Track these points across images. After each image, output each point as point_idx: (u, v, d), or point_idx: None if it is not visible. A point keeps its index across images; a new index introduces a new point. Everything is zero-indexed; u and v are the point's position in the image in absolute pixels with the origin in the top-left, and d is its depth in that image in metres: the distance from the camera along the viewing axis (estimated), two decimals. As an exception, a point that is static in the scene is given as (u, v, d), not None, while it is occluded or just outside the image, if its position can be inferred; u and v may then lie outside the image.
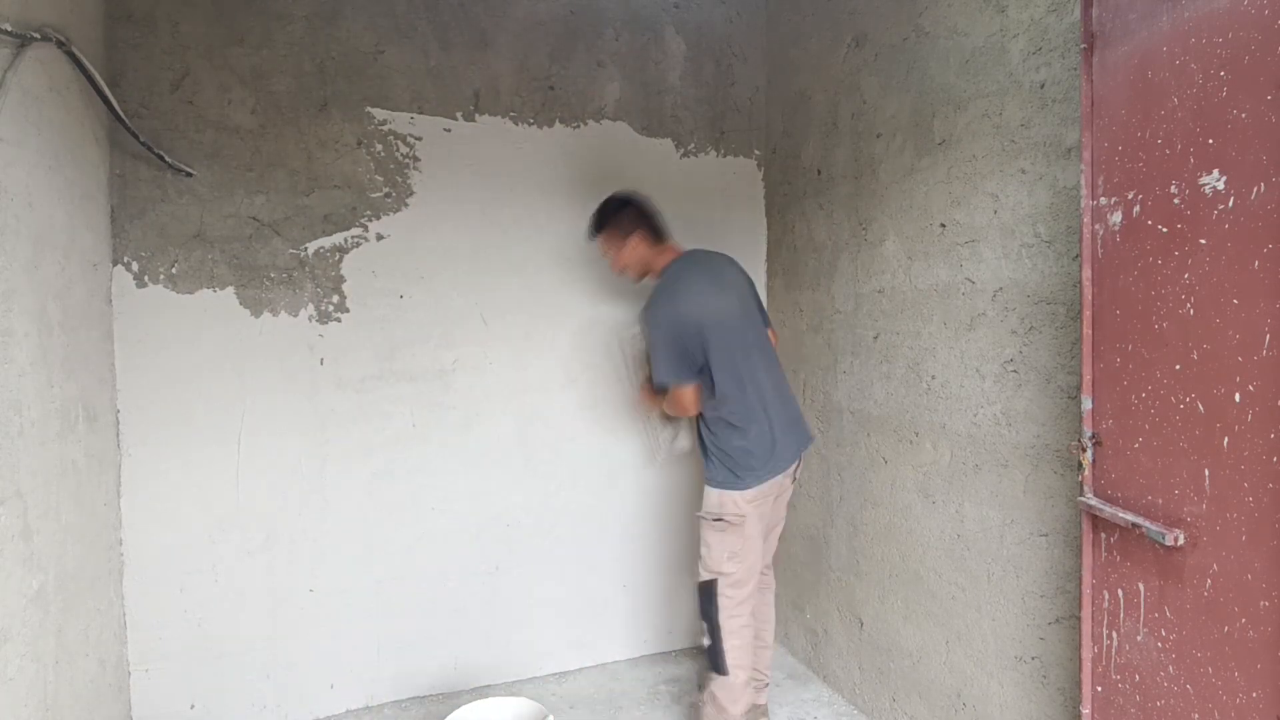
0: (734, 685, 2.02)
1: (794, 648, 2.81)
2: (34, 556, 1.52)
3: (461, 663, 2.57)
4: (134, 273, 2.14)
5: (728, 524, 1.98)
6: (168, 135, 2.15)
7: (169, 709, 2.22)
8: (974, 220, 1.89)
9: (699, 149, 2.82)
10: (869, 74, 2.29)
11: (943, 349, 2.01)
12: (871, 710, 2.35)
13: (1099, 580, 1.41)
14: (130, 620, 2.17)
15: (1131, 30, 1.30)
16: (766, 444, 2.00)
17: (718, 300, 2.01)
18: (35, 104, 1.58)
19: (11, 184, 1.47)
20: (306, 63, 2.29)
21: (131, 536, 2.16)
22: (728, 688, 2.02)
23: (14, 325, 1.46)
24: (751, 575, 2.02)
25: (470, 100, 2.49)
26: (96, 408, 1.94)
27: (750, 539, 1.99)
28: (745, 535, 1.98)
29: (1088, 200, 1.39)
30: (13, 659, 1.42)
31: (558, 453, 2.66)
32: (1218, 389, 1.16)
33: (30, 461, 1.51)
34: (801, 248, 2.70)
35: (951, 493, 1.99)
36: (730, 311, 2.02)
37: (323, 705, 2.40)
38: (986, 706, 1.89)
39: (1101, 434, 1.39)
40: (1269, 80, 1.07)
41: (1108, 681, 1.39)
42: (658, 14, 2.74)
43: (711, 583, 2.01)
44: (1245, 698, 1.14)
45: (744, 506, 1.97)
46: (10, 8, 1.47)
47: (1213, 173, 1.16)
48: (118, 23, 2.10)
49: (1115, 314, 1.34)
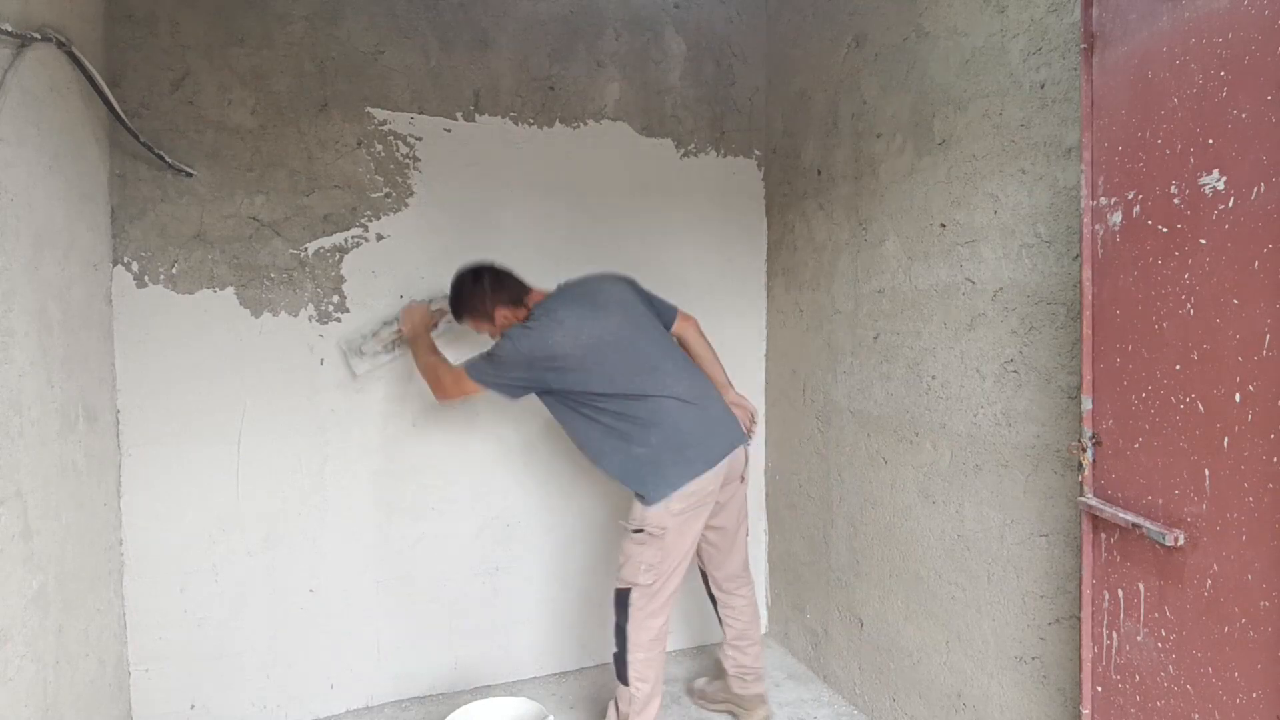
0: (636, 698, 2.00)
1: (794, 648, 2.81)
2: (34, 556, 1.52)
3: (461, 663, 2.57)
4: (134, 273, 2.14)
5: (648, 536, 1.96)
6: (168, 135, 2.15)
7: (169, 709, 2.22)
8: (974, 220, 1.89)
9: (699, 149, 2.83)
10: (869, 74, 2.29)
11: (943, 349, 2.01)
12: (871, 710, 2.35)
13: (1099, 580, 1.41)
14: (130, 620, 2.17)
15: (1131, 30, 1.30)
16: (673, 447, 1.96)
17: (594, 326, 1.97)
18: (35, 104, 1.58)
19: (11, 184, 1.47)
20: (307, 63, 2.29)
21: (131, 536, 2.16)
22: (629, 699, 2.00)
23: (14, 325, 1.46)
24: (668, 584, 2.00)
25: (470, 100, 2.49)
26: (96, 408, 1.94)
27: (670, 551, 1.97)
28: (665, 548, 1.96)
29: (1088, 200, 1.39)
30: (13, 659, 1.42)
31: (558, 453, 2.66)
32: (1218, 389, 1.16)
33: (30, 461, 1.51)
34: (801, 248, 2.69)
35: (952, 493, 1.99)
36: (610, 331, 1.98)
37: (323, 705, 2.40)
38: (986, 706, 1.89)
39: (1101, 434, 1.39)
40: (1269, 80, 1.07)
41: (1108, 681, 1.39)
42: (658, 14, 2.74)
43: (625, 591, 2.00)
44: (1245, 698, 1.14)
45: (666, 520, 1.95)
46: (10, 8, 1.47)
47: (1213, 173, 1.16)
48: (118, 23, 2.10)
49: (1115, 314, 1.34)
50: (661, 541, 1.95)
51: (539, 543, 2.66)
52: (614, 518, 2.76)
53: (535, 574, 2.66)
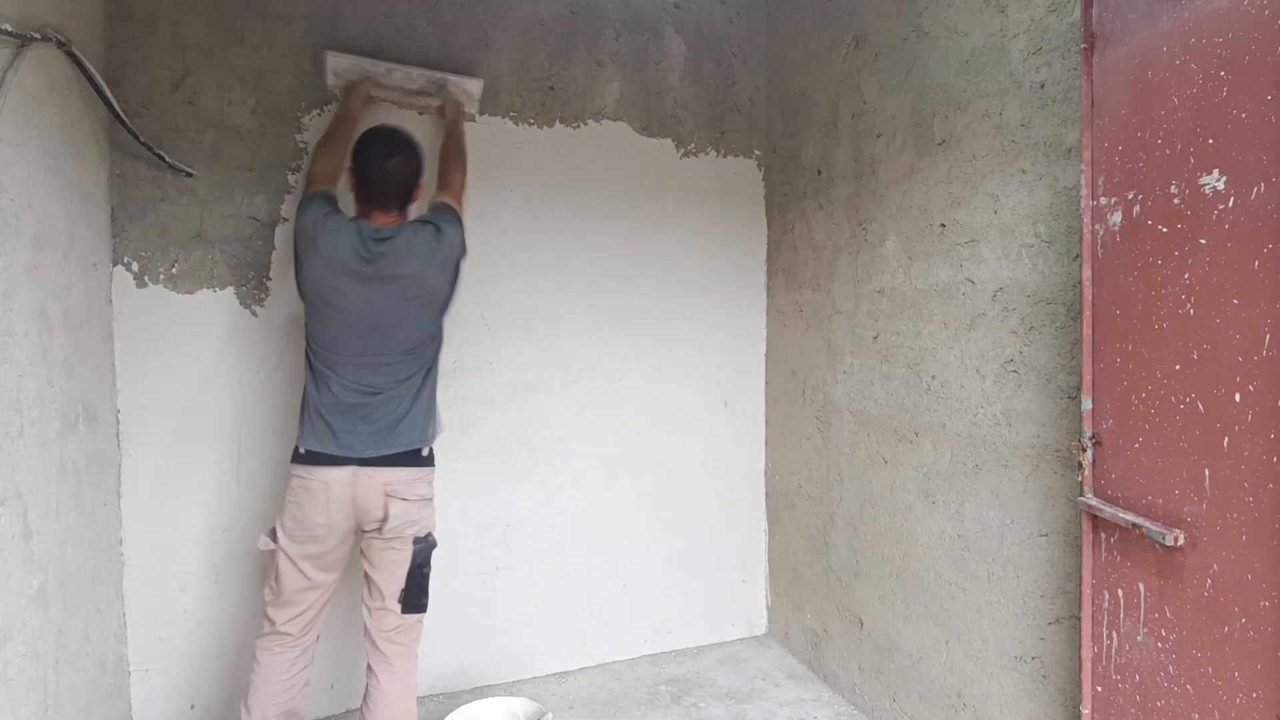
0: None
1: (794, 648, 2.81)
2: (34, 557, 1.52)
3: (461, 663, 2.57)
4: (134, 273, 2.14)
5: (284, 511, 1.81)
6: (168, 135, 2.14)
7: (169, 709, 2.22)
8: (974, 220, 1.89)
9: (699, 149, 2.82)
10: (869, 74, 2.29)
11: (943, 349, 2.01)
12: (871, 710, 2.35)
13: (1099, 580, 1.41)
14: (130, 620, 2.17)
15: (1131, 30, 1.30)
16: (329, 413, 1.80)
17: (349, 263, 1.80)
18: (35, 104, 1.58)
19: (11, 184, 1.47)
20: (307, 63, 2.29)
21: (131, 536, 2.16)
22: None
23: (14, 325, 1.46)
24: (287, 612, 1.81)
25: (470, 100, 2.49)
26: (96, 408, 1.94)
27: (284, 575, 1.80)
28: (277, 558, 1.80)
29: (1088, 200, 1.39)
30: (13, 659, 1.42)
31: (558, 453, 2.66)
32: (1218, 389, 1.16)
33: (30, 461, 1.51)
34: (801, 248, 2.70)
35: (951, 493, 1.99)
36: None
37: (323, 705, 2.40)
38: (986, 706, 1.89)
39: (1101, 434, 1.39)
40: (1269, 80, 1.07)
41: (1108, 681, 1.39)
42: (658, 14, 2.74)
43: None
44: (1245, 698, 1.14)
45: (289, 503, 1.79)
46: (10, 8, 1.47)
47: (1213, 173, 1.16)
48: (118, 23, 2.10)
49: (1115, 314, 1.34)
50: (278, 545, 1.84)
51: (539, 543, 2.66)
52: (613, 517, 2.76)
53: (535, 574, 2.66)
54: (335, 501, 1.78)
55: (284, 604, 1.82)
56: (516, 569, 2.63)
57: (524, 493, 2.63)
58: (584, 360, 2.69)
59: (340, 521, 1.80)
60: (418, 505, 1.88)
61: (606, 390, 2.72)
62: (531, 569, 2.65)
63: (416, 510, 1.87)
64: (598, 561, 2.73)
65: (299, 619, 1.83)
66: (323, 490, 1.78)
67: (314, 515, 1.78)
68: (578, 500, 2.70)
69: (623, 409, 2.75)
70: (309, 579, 1.82)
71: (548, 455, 2.65)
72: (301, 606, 1.83)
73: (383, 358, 1.83)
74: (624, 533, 2.78)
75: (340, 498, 1.79)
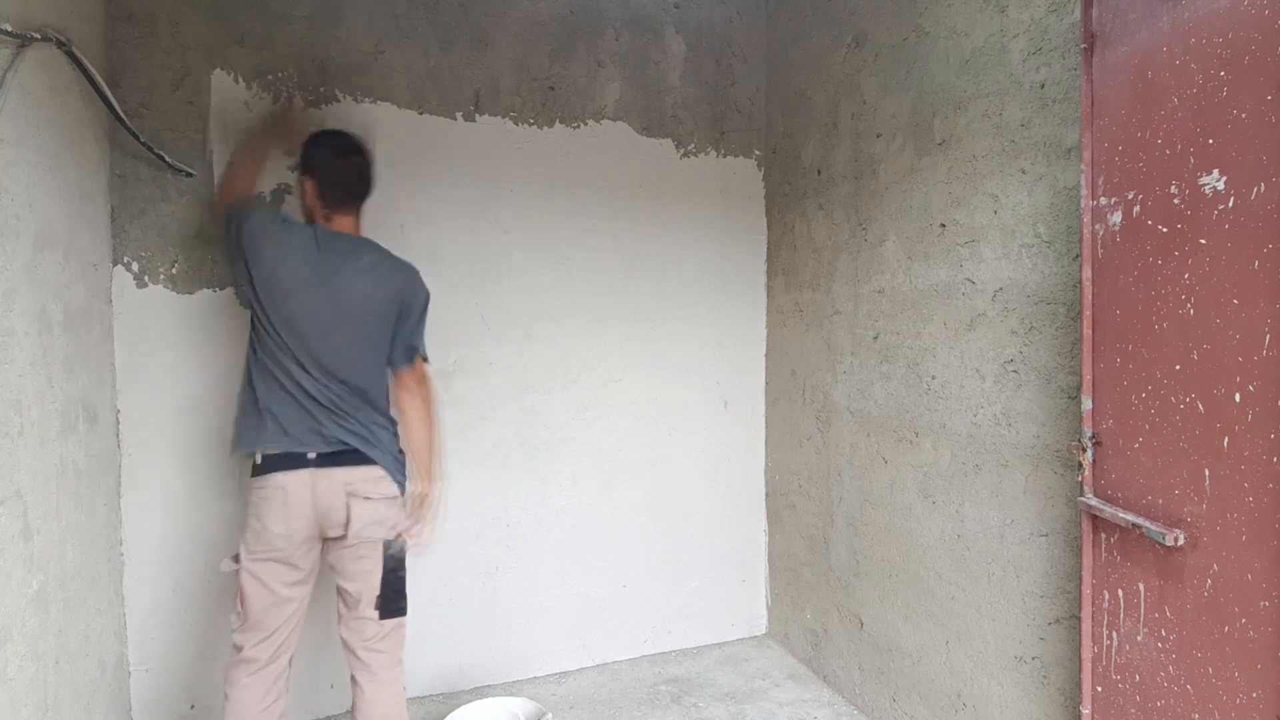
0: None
1: (794, 648, 2.81)
2: (34, 556, 1.52)
3: (461, 663, 2.57)
4: (134, 273, 2.14)
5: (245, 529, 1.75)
6: (168, 135, 2.15)
7: (169, 709, 2.22)
8: (974, 220, 1.89)
9: (699, 149, 2.83)
10: (869, 74, 2.29)
11: (943, 349, 2.01)
12: (871, 710, 2.35)
13: (1099, 580, 1.41)
14: (130, 620, 2.17)
15: (1131, 30, 1.30)
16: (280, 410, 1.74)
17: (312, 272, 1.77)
18: (35, 104, 1.58)
19: (11, 184, 1.47)
20: (307, 63, 2.29)
21: (131, 536, 2.16)
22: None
23: (14, 325, 1.46)
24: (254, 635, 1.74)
25: (470, 100, 2.49)
26: (96, 408, 1.94)
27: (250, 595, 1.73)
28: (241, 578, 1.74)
29: (1088, 200, 1.39)
30: (13, 659, 1.42)
31: (557, 453, 2.66)
32: (1218, 389, 1.16)
33: (30, 461, 1.51)
34: (801, 248, 2.70)
35: (951, 493, 1.99)
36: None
37: (323, 705, 2.40)
38: (986, 706, 1.89)
39: (1101, 434, 1.39)
40: (1269, 80, 1.07)
41: (1108, 681, 1.39)
42: (658, 14, 2.74)
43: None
44: (1245, 698, 1.14)
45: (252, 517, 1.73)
46: (10, 8, 1.47)
47: (1213, 173, 1.16)
48: (118, 23, 2.10)
49: (1115, 314, 1.34)
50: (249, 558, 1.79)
51: (539, 543, 2.66)
52: (613, 517, 2.76)
53: (535, 574, 2.66)
54: (294, 506, 1.71)
55: (251, 627, 1.74)
56: (516, 569, 2.63)
57: (524, 493, 2.63)
58: (584, 360, 2.69)
59: (301, 528, 1.73)
60: (384, 504, 1.81)
61: (606, 390, 2.72)
62: (531, 569, 2.65)
63: (384, 509, 1.80)
64: (598, 561, 2.73)
65: (267, 642, 1.75)
66: (279, 495, 1.71)
67: (272, 525, 1.71)
68: (578, 500, 2.70)
69: (623, 409, 2.75)
70: (274, 594, 1.74)
71: (547, 455, 2.65)
72: (270, 628, 1.75)
73: (341, 355, 1.78)
74: (624, 533, 2.78)
75: (299, 502, 1.71)
